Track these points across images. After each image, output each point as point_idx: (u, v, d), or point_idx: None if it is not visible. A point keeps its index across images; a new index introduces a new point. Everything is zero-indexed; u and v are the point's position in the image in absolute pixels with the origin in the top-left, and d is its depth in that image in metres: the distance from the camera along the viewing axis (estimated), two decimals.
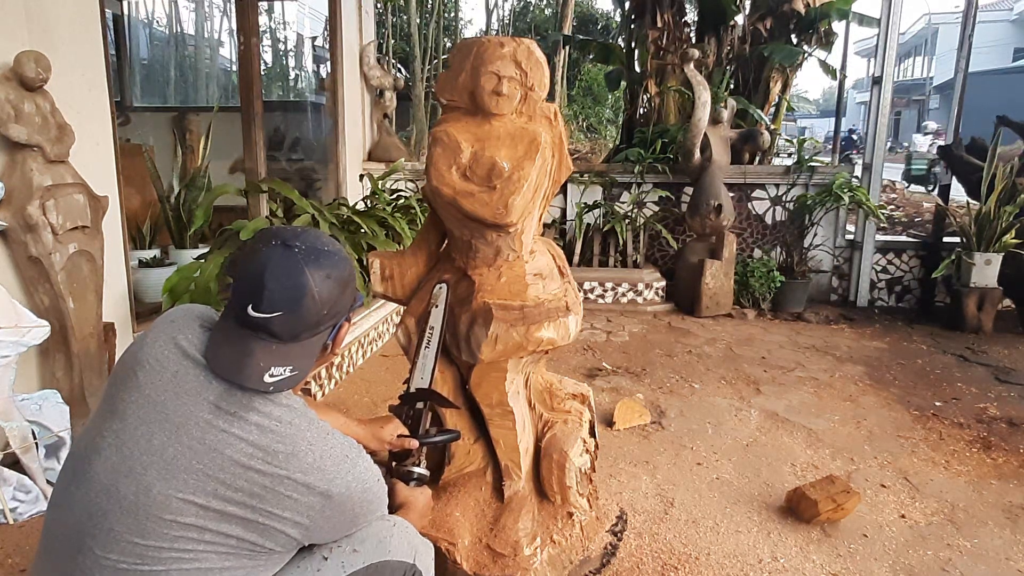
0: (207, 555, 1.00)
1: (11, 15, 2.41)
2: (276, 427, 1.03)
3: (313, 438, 1.07)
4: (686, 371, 3.88)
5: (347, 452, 1.10)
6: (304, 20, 12.97)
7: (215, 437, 1.00)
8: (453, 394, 1.90)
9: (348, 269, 1.12)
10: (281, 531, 1.04)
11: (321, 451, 1.06)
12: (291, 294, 1.03)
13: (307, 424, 1.07)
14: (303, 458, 1.03)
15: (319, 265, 1.06)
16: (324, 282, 1.05)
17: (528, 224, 1.76)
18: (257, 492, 1.00)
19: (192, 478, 0.98)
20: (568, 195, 5.92)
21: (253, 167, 3.89)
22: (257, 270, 1.03)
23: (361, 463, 1.12)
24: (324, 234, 1.18)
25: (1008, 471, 2.72)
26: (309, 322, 1.06)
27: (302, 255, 1.05)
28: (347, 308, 1.14)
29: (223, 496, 0.99)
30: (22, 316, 2.25)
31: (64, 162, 2.53)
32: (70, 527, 1.02)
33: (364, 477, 1.12)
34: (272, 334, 1.03)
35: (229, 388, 1.03)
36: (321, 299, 1.05)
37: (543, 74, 1.71)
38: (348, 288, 1.12)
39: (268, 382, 1.02)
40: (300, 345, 1.07)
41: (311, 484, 1.04)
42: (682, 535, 2.21)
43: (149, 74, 9.92)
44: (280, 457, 1.02)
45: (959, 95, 5.31)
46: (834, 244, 5.72)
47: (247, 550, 1.03)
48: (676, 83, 6.29)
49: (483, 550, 1.76)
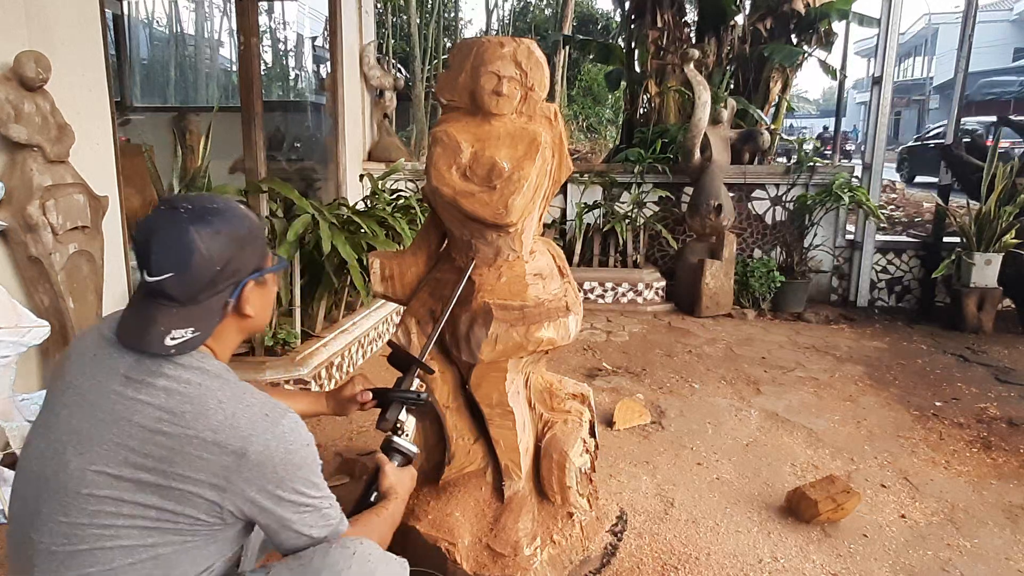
0: (128, 531, 1.00)
1: (11, 15, 2.41)
2: (184, 389, 1.02)
3: (225, 397, 1.04)
4: (686, 371, 3.88)
5: (267, 411, 1.06)
6: (304, 20, 12.98)
7: (123, 406, 1.01)
8: (453, 394, 1.90)
9: (245, 226, 1.10)
10: (197, 494, 1.01)
11: (233, 409, 1.03)
12: (177, 254, 1.02)
13: (220, 384, 1.05)
14: (212, 416, 1.01)
15: (206, 223, 1.04)
16: (213, 238, 1.04)
17: (528, 224, 1.76)
18: (166, 456, 0.99)
19: (103, 449, 1.00)
20: (568, 195, 5.92)
21: (253, 167, 3.89)
22: (144, 236, 1.04)
23: (285, 423, 1.07)
24: (221, 196, 1.16)
25: (1008, 471, 2.72)
26: (203, 280, 1.04)
27: (187, 214, 1.04)
28: (249, 266, 1.11)
29: (134, 463, 0.99)
30: (22, 316, 2.25)
31: (64, 162, 2.53)
32: (15, 522, 1.07)
33: (288, 438, 1.06)
34: (169, 297, 1.03)
35: (139, 358, 1.04)
36: (211, 256, 1.03)
37: (543, 74, 1.71)
38: (247, 245, 1.10)
39: (169, 345, 1.02)
40: (200, 306, 1.06)
41: (222, 442, 1.01)
42: (682, 535, 2.21)
43: (149, 74, 9.92)
44: (187, 417, 1.00)
45: (959, 95, 5.31)
46: (834, 244, 5.72)
47: (168, 521, 1.01)
48: (676, 83, 6.29)
49: (483, 550, 1.76)
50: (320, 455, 1.15)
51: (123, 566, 1.01)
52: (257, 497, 1.04)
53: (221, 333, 1.12)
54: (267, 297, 1.19)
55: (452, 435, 1.91)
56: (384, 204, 4.26)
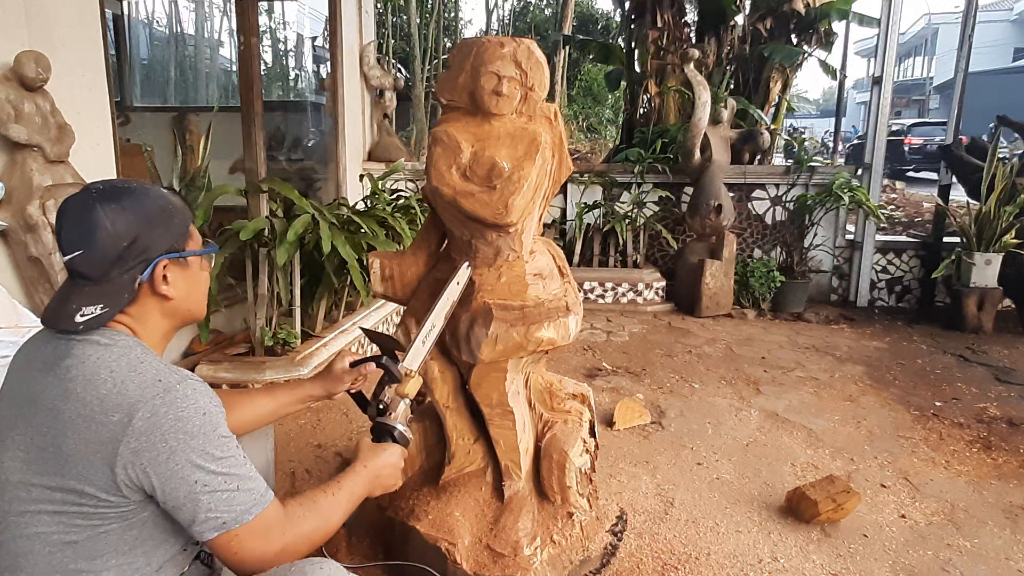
0: (39, 516, 1.01)
1: (11, 15, 2.41)
2: (81, 365, 1.03)
3: (118, 366, 1.02)
4: (686, 371, 3.88)
5: (161, 377, 1.03)
6: (304, 20, 12.99)
7: (34, 389, 1.04)
8: (453, 394, 1.90)
9: (157, 205, 1.11)
10: (90, 468, 0.99)
11: (124, 376, 1.01)
12: (83, 230, 1.04)
13: (117, 356, 1.04)
14: (100, 385, 1.00)
15: (113, 199, 1.06)
16: (119, 215, 1.05)
17: (528, 224, 1.76)
18: (61, 429, 0.99)
19: (16, 433, 1.02)
20: (568, 195, 5.92)
21: (253, 167, 3.89)
22: (58, 217, 1.07)
23: (180, 390, 1.02)
24: (138, 179, 1.19)
25: (1008, 471, 2.72)
26: (110, 256, 1.05)
27: (96, 194, 1.07)
28: (161, 245, 1.10)
29: (39, 444, 1.00)
30: (22, 316, 2.25)
31: (64, 162, 2.53)
32: None
33: (179, 404, 1.01)
34: (81, 275, 1.05)
35: (56, 344, 1.06)
36: (117, 232, 1.04)
37: (543, 74, 1.71)
38: (158, 224, 1.09)
39: (79, 321, 1.04)
40: (111, 283, 1.07)
41: (108, 410, 0.99)
42: (682, 535, 2.21)
43: (149, 74, 9.91)
44: (79, 389, 1.00)
45: (959, 95, 5.31)
46: (834, 244, 5.72)
47: (72, 504, 1.00)
48: (676, 83, 6.29)
49: (483, 550, 1.76)
50: (320, 455, 1.13)
51: (42, 555, 1.01)
52: (148, 469, 0.99)
53: (141, 315, 1.11)
54: (192, 280, 1.17)
55: (452, 435, 1.91)
56: (384, 204, 4.26)
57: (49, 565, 1.01)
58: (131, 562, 1.05)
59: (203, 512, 1.02)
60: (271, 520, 1.07)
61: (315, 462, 2.58)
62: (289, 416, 1.76)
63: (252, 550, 1.06)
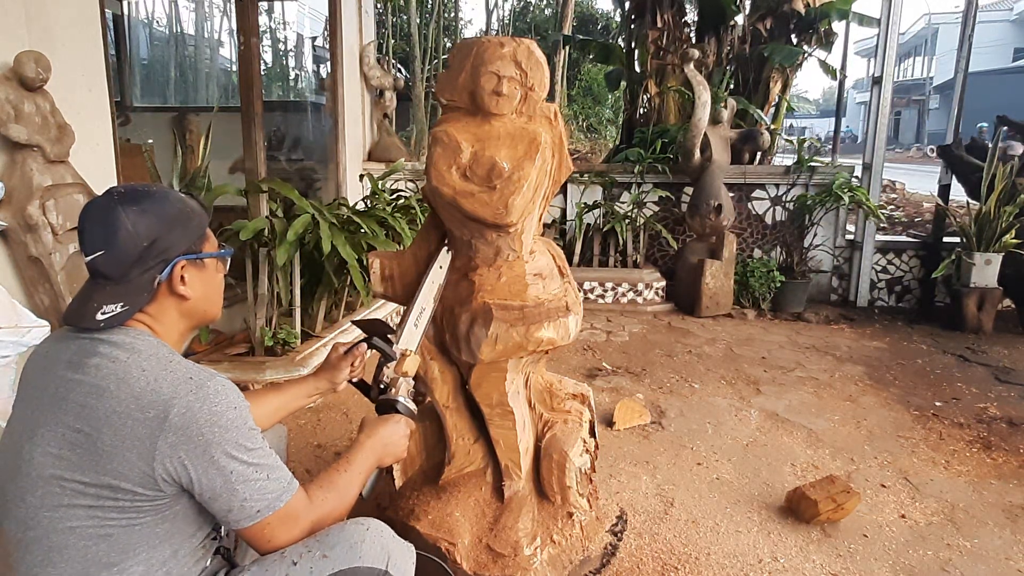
0: (74, 511, 1.03)
1: (11, 15, 2.41)
2: (111, 365, 1.05)
3: (149, 365, 1.06)
4: (686, 371, 3.88)
5: (192, 375, 1.07)
6: (304, 20, 12.98)
7: (63, 387, 1.06)
8: (453, 394, 1.90)
9: (176, 207, 1.14)
10: (127, 464, 1.02)
11: (156, 375, 1.05)
12: (105, 231, 1.08)
13: (146, 357, 1.07)
14: (134, 384, 1.03)
15: (134, 202, 1.10)
16: (139, 216, 1.09)
17: (528, 224, 1.76)
18: (95, 425, 1.02)
19: (46, 430, 1.04)
20: (568, 195, 5.92)
21: (253, 167, 3.89)
22: (81, 219, 1.11)
23: (211, 385, 1.06)
24: (157, 184, 1.22)
25: (1008, 471, 2.72)
26: (131, 257, 1.08)
27: (118, 197, 1.11)
28: (180, 246, 1.14)
29: (71, 441, 1.02)
30: (22, 316, 2.24)
31: (64, 162, 2.53)
32: None
33: (213, 399, 1.05)
34: (103, 275, 1.09)
35: (80, 343, 1.09)
36: (137, 232, 1.08)
37: (543, 74, 1.71)
38: (177, 226, 1.13)
39: (100, 319, 1.07)
40: (131, 282, 1.10)
41: (144, 407, 1.02)
42: (682, 535, 2.21)
43: (149, 74, 9.91)
44: (112, 388, 1.03)
45: (959, 95, 5.31)
46: (834, 244, 5.72)
47: (108, 498, 1.03)
48: (676, 83, 6.29)
49: (483, 550, 1.76)
50: (320, 455, 1.15)
51: (77, 549, 1.03)
52: (185, 462, 1.03)
53: (159, 314, 1.15)
54: (208, 281, 1.21)
55: (452, 435, 1.91)
56: (384, 204, 4.26)
57: (84, 559, 1.04)
58: (159, 555, 1.09)
59: (239, 501, 1.07)
60: (299, 506, 1.14)
61: (315, 462, 2.58)
62: (291, 415, 1.79)
63: (283, 535, 1.13)
